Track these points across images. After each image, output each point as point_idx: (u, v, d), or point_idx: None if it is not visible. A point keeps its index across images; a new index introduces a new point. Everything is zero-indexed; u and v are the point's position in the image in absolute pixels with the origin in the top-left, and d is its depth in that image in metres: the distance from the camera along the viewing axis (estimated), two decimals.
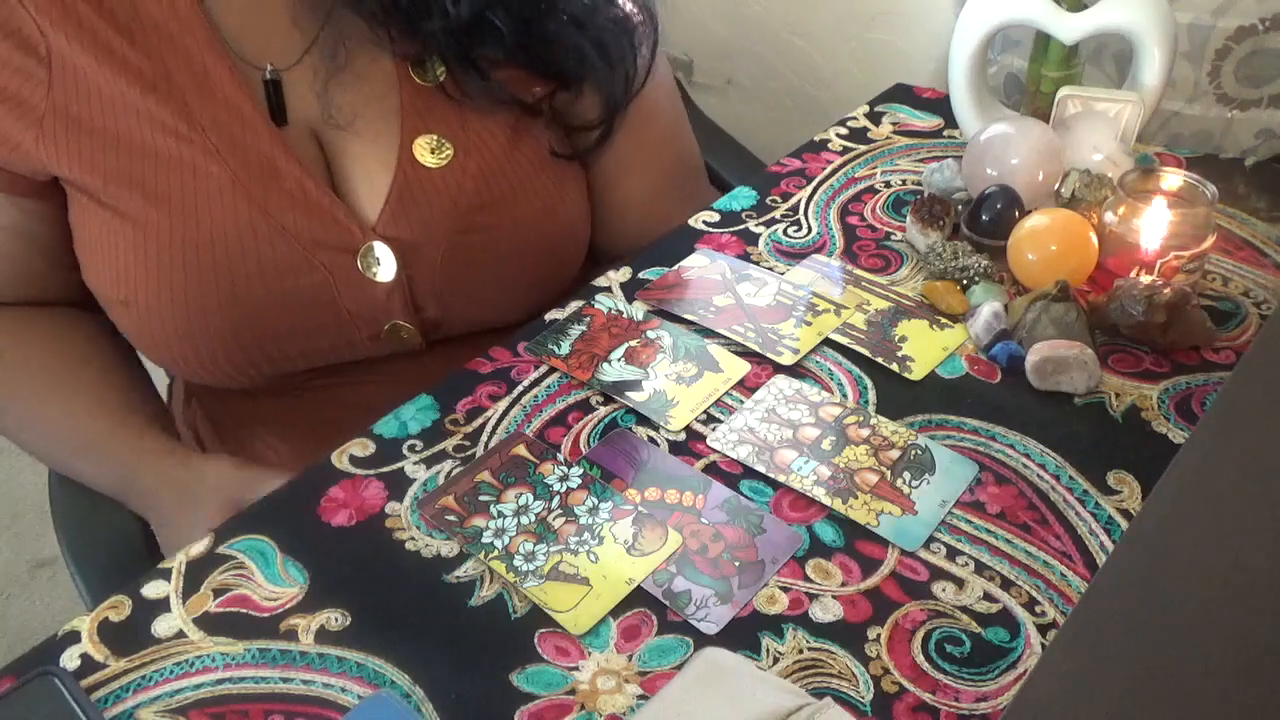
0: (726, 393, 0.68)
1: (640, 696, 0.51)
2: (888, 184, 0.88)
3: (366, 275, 0.73)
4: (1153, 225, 0.72)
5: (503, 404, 0.68)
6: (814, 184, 0.89)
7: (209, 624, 0.55)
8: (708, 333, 0.73)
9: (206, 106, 0.70)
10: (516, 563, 0.57)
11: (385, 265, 0.73)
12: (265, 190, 0.71)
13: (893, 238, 0.82)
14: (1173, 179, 0.75)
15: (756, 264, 0.79)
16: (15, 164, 0.72)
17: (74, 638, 0.54)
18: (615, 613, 0.55)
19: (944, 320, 0.73)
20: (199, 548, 0.59)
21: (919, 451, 0.63)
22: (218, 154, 0.70)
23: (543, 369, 0.70)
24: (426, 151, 0.74)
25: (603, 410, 0.67)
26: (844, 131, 0.96)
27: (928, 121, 0.97)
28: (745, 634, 0.54)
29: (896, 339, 0.72)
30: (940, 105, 0.98)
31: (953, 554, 0.58)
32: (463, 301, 0.78)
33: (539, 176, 0.78)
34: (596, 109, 0.80)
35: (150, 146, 0.70)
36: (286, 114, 0.73)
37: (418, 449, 0.65)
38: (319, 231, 0.72)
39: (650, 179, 0.87)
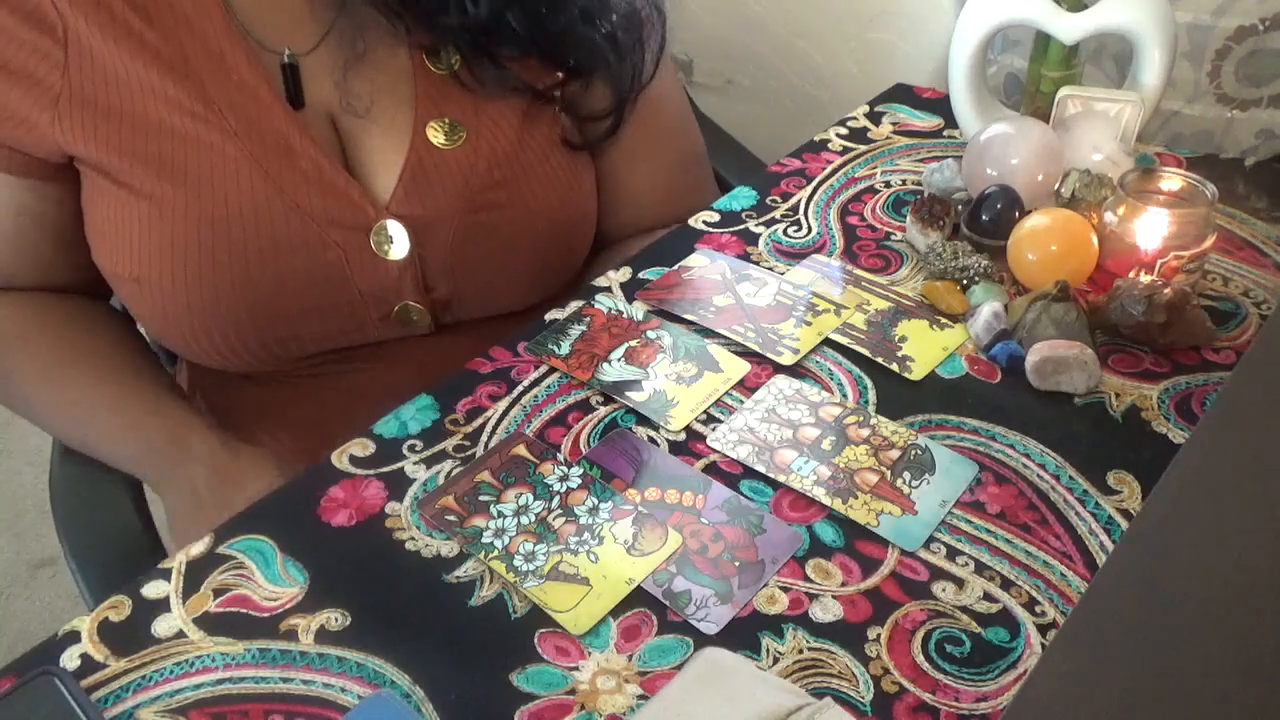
0: (726, 393, 0.68)
1: (640, 696, 0.51)
2: (888, 184, 0.88)
3: (379, 254, 0.74)
4: (1153, 225, 0.72)
5: (503, 404, 0.68)
6: (814, 184, 0.89)
7: (209, 624, 0.55)
8: (708, 333, 0.73)
9: (223, 88, 0.71)
10: (516, 563, 0.57)
11: (398, 243, 0.74)
12: (280, 169, 0.72)
13: (893, 238, 0.82)
14: (1173, 179, 0.75)
15: (756, 264, 0.79)
16: (29, 144, 0.72)
17: (74, 638, 0.54)
18: (615, 613, 0.55)
19: (944, 320, 0.73)
20: (199, 547, 0.59)
21: (919, 451, 0.63)
22: (234, 134, 0.71)
23: (543, 369, 0.70)
24: (439, 134, 0.75)
25: (603, 410, 0.67)
26: (844, 131, 0.96)
27: (928, 121, 0.97)
28: (745, 634, 0.54)
29: (896, 339, 0.72)
30: (940, 105, 0.98)
31: (953, 554, 0.58)
32: (473, 282, 0.78)
33: (550, 162, 0.79)
34: (606, 100, 0.82)
35: (167, 125, 0.71)
36: (303, 97, 0.74)
37: (418, 449, 0.65)
38: (333, 210, 0.73)
39: (660, 168, 0.88)
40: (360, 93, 0.75)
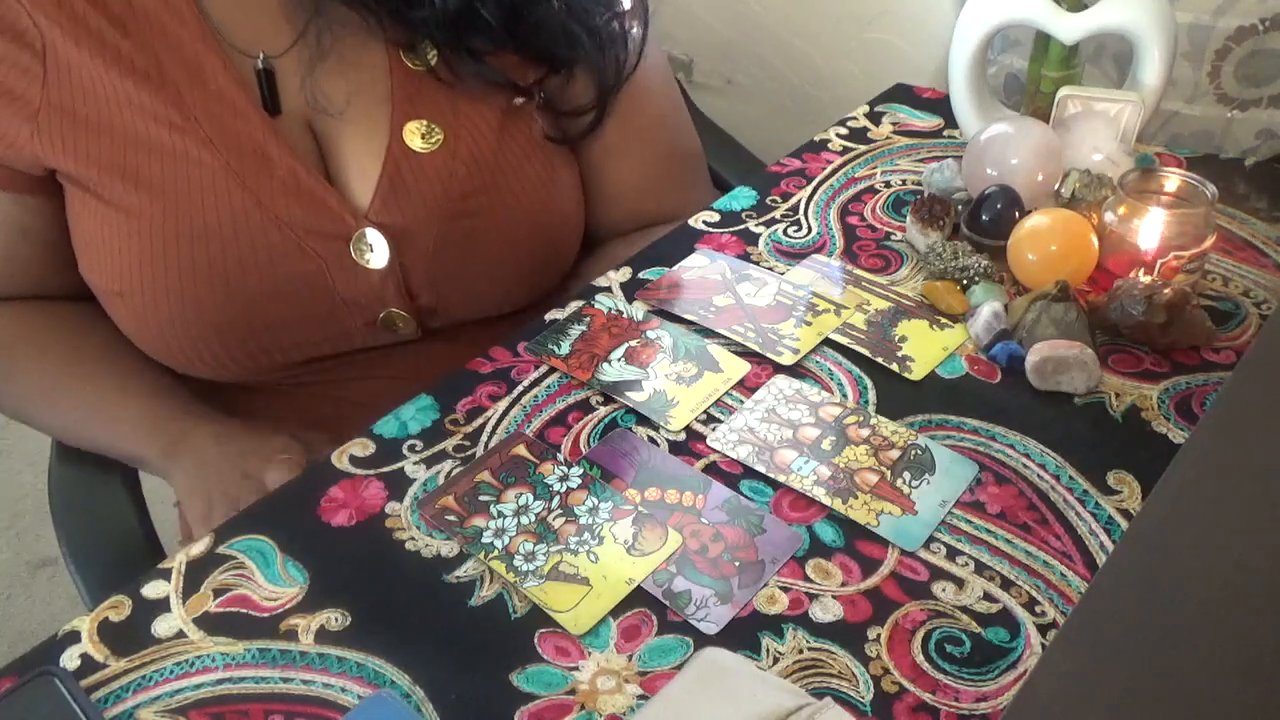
0: (726, 393, 0.68)
1: (640, 696, 0.51)
2: (888, 184, 0.88)
3: (359, 262, 0.74)
4: (1153, 225, 0.72)
5: (503, 404, 0.68)
6: (814, 184, 0.89)
7: (209, 624, 0.55)
8: (708, 333, 0.73)
9: (199, 97, 0.71)
10: (516, 563, 0.57)
11: (378, 252, 0.74)
12: (258, 179, 0.71)
13: (893, 238, 0.82)
14: (1173, 179, 0.75)
15: (756, 264, 0.79)
16: (12, 159, 0.72)
17: (74, 638, 0.54)
18: (615, 613, 0.55)
19: (944, 320, 0.73)
20: (199, 548, 0.59)
21: (919, 451, 0.63)
22: (210, 143, 0.71)
23: (543, 369, 0.70)
24: (416, 137, 0.74)
25: (603, 410, 0.67)
26: (844, 131, 0.96)
27: (928, 121, 0.97)
28: (745, 634, 0.54)
29: (896, 339, 0.72)
30: (940, 105, 0.98)
31: (953, 554, 0.58)
32: (457, 288, 0.78)
33: (530, 162, 0.78)
34: (588, 93, 0.80)
35: (144, 137, 0.70)
36: (279, 103, 0.73)
37: (418, 449, 0.65)
38: (311, 219, 0.72)
39: (643, 164, 0.87)
40: (332, 93, 0.74)
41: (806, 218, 0.85)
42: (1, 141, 0.71)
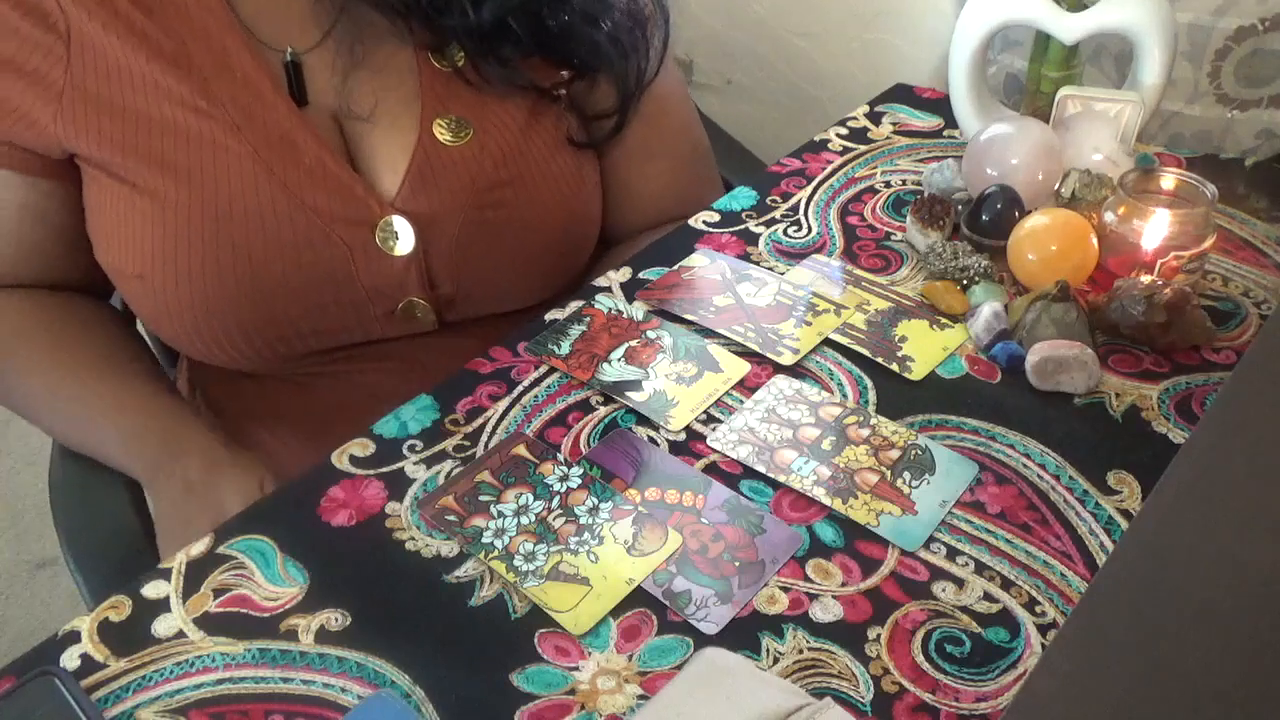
0: (726, 393, 0.68)
1: (640, 696, 0.51)
2: (888, 184, 0.88)
3: (384, 249, 0.74)
4: (1153, 225, 0.72)
5: (503, 404, 0.68)
6: (814, 184, 0.89)
7: (209, 624, 0.55)
8: (708, 333, 0.73)
9: (225, 85, 0.71)
10: (516, 563, 0.57)
11: (403, 239, 0.74)
12: (284, 165, 0.72)
13: (893, 238, 0.82)
14: (1173, 179, 0.75)
15: (756, 264, 0.79)
16: (32, 141, 0.72)
17: (74, 638, 0.54)
18: (615, 613, 0.55)
19: (944, 320, 0.73)
20: (199, 547, 0.59)
21: (919, 451, 0.63)
22: (237, 130, 0.71)
23: (543, 369, 0.70)
24: (446, 132, 0.75)
25: (603, 410, 0.67)
26: (844, 131, 0.96)
27: (928, 121, 0.97)
28: (745, 634, 0.54)
29: (896, 339, 0.72)
30: (940, 105, 0.98)
31: (953, 554, 0.58)
32: (478, 279, 0.79)
33: (555, 160, 0.80)
34: (611, 99, 0.82)
35: (170, 121, 0.71)
36: (306, 95, 0.74)
37: (418, 449, 0.65)
38: (337, 206, 0.73)
39: (669, 166, 0.89)
40: (363, 96, 0.75)
41: (806, 218, 0.85)
42: (22, 123, 0.71)
